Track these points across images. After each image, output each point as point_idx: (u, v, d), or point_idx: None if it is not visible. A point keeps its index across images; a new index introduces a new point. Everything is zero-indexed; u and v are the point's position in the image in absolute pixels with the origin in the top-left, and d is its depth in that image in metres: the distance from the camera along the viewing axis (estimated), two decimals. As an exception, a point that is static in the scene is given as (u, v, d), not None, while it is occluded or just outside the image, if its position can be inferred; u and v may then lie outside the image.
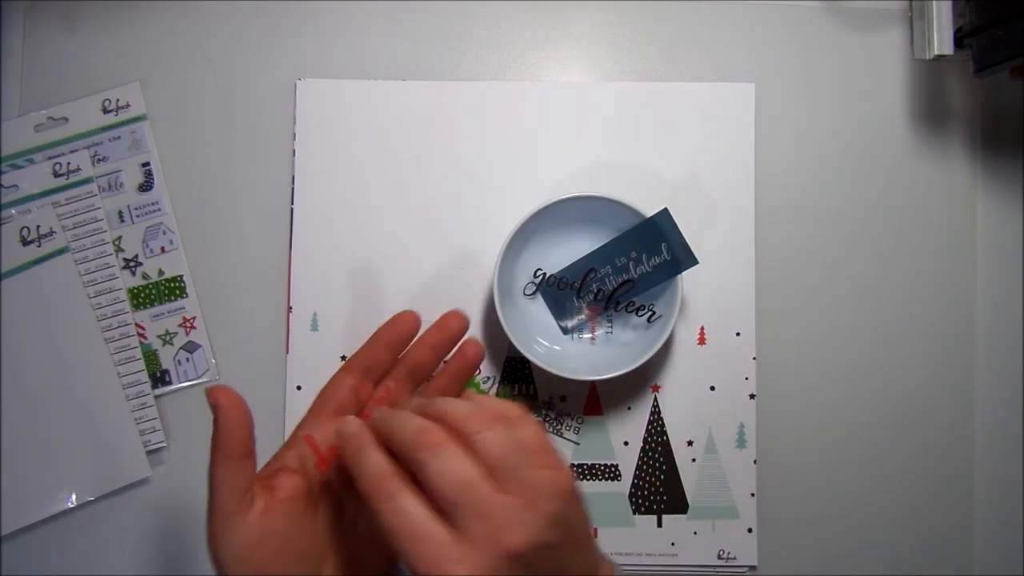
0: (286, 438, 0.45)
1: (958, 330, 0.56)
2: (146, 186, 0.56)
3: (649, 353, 0.50)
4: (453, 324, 0.47)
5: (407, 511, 0.35)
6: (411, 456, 0.36)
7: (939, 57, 0.52)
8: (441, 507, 0.35)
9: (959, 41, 0.52)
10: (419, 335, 0.47)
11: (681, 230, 0.50)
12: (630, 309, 0.52)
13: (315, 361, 0.55)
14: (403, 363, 0.47)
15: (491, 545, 0.35)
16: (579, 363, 0.53)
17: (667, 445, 0.55)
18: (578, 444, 0.55)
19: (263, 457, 0.42)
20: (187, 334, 0.55)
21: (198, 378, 0.55)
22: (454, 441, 0.36)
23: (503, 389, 0.55)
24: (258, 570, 0.40)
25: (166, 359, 0.55)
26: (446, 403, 0.39)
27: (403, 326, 0.47)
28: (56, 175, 0.56)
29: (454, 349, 0.47)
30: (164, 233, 0.56)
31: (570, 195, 0.50)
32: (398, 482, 0.36)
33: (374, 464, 0.37)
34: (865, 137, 0.57)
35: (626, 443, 0.55)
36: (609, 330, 0.54)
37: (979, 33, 0.50)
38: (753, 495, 0.54)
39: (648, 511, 0.54)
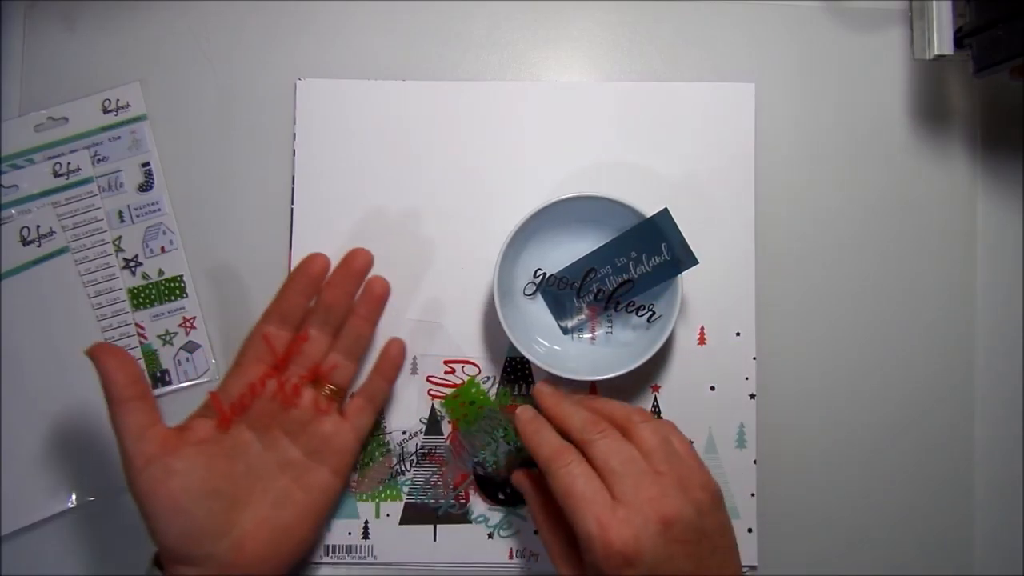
0: None
1: (958, 330, 0.56)
2: (146, 186, 0.56)
3: (649, 353, 0.50)
4: (357, 261, 0.50)
5: (581, 475, 0.42)
6: (583, 437, 0.43)
7: (939, 57, 0.52)
8: (605, 478, 0.41)
9: (959, 41, 0.52)
10: (329, 276, 0.50)
11: (681, 230, 0.50)
12: (630, 309, 0.52)
13: (315, 361, 0.55)
14: (317, 306, 0.50)
15: (646, 511, 0.40)
16: (579, 363, 0.53)
17: (667, 445, 0.55)
18: (578, 444, 0.55)
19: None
20: (187, 334, 0.55)
21: (198, 378, 0.55)
22: (616, 431, 0.44)
23: (503, 389, 0.55)
24: (166, 504, 0.43)
25: (166, 359, 0.55)
26: (607, 402, 0.47)
27: (313, 268, 0.49)
28: (56, 175, 0.56)
29: (360, 288, 0.50)
30: (164, 233, 0.56)
31: (570, 195, 0.50)
32: (573, 454, 0.43)
33: (552, 440, 0.44)
34: (865, 137, 0.57)
35: (626, 443, 0.55)
36: (609, 330, 0.54)
37: (979, 33, 0.50)
38: (753, 495, 0.54)
39: (648, 511, 0.54)
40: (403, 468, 0.54)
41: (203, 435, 0.46)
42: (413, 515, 0.54)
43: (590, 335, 0.54)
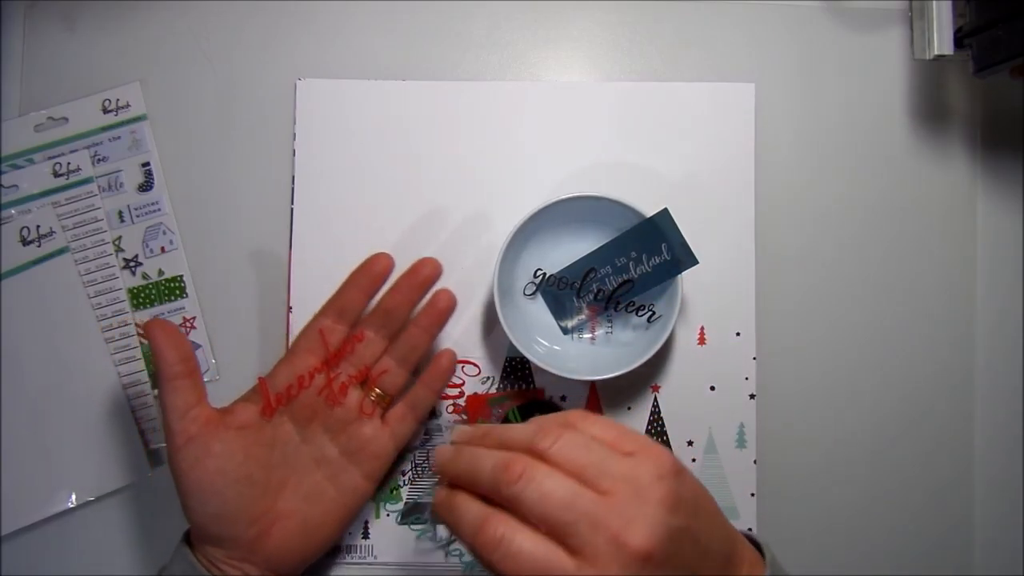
0: None
1: (958, 330, 0.56)
2: (146, 186, 0.56)
3: (649, 353, 0.50)
4: (425, 270, 0.49)
5: (522, 550, 0.33)
6: (502, 493, 0.34)
7: (939, 57, 0.52)
8: (552, 533, 0.33)
9: (959, 41, 0.52)
10: (394, 282, 0.49)
11: (681, 230, 0.50)
12: (630, 309, 0.52)
13: (315, 361, 0.55)
14: (377, 309, 0.49)
15: (618, 552, 0.33)
16: (579, 363, 0.53)
17: (667, 445, 0.55)
18: (578, 444, 0.55)
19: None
20: (187, 334, 0.55)
21: (198, 378, 0.55)
22: (536, 464, 0.34)
23: (503, 389, 0.55)
24: (201, 484, 0.44)
25: (166, 359, 0.55)
26: (506, 429, 0.37)
27: (376, 267, 0.49)
28: (56, 175, 0.56)
29: (426, 298, 0.49)
30: (164, 233, 0.56)
31: (570, 195, 0.50)
32: (500, 522, 0.34)
33: (469, 514, 0.35)
34: (865, 137, 0.57)
35: (626, 443, 0.55)
36: (609, 330, 0.54)
37: (979, 33, 0.50)
38: (753, 495, 0.54)
39: (648, 511, 0.54)
40: (403, 468, 0.54)
41: (245, 420, 0.46)
42: (413, 515, 0.54)
43: (590, 335, 0.54)
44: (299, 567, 0.48)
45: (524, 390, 0.55)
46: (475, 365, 0.55)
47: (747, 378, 0.55)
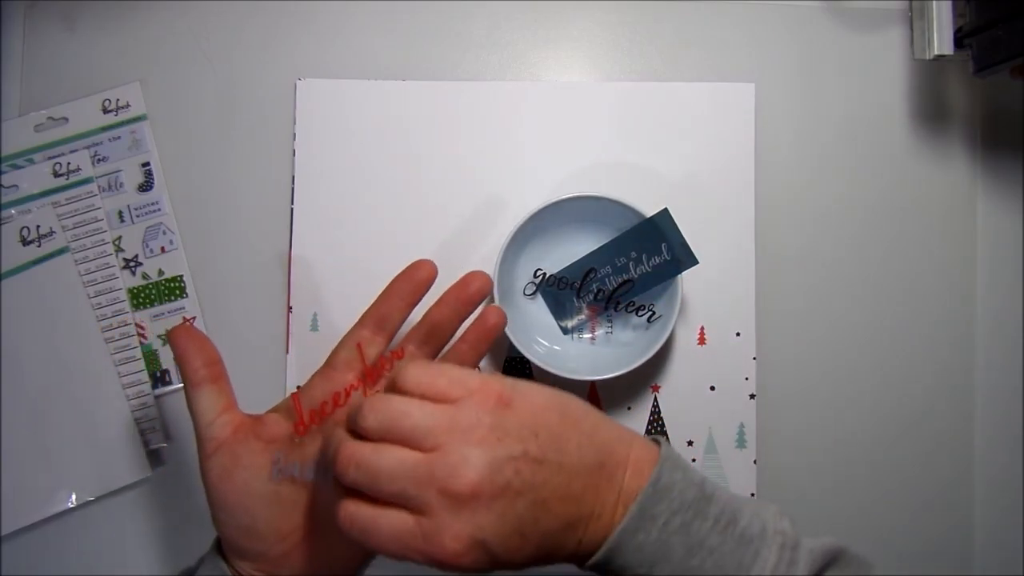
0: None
1: (958, 330, 0.56)
2: (146, 186, 0.56)
3: (649, 353, 0.50)
4: (475, 284, 0.46)
5: (379, 526, 0.34)
6: (343, 482, 0.35)
7: (939, 57, 0.52)
8: (394, 503, 0.34)
9: (959, 41, 0.52)
10: (441, 295, 0.46)
11: (681, 230, 0.50)
12: (630, 309, 0.52)
13: (315, 361, 0.54)
14: (422, 322, 0.46)
15: (447, 500, 0.33)
16: (579, 363, 0.53)
17: (667, 445, 0.55)
18: (578, 444, 0.55)
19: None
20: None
21: (198, 378, 0.55)
22: (356, 445, 0.35)
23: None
24: (230, 498, 0.42)
25: (166, 359, 0.55)
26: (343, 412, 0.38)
27: (419, 274, 0.45)
28: (56, 175, 0.56)
29: (474, 313, 0.46)
30: (164, 233, 0.56)
31: (570, 195, 0.50)
32: (354, 505, 0.35)
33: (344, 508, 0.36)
34: (865, 137, 0.57)
35: (626, 443, 0.55)
36: (609, 330, 0.54)
37: (979, 33, 0.50)
38: (753, 495, 0.54)
39: (648, 511, 0.54)
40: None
41: (275, 433, 0.44)
42: None
43: (590, 335, 0.54)
44: None
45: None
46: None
47: (747, 378, 0.55)
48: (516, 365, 0.55)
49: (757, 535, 0.36)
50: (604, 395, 0.55)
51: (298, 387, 0.47)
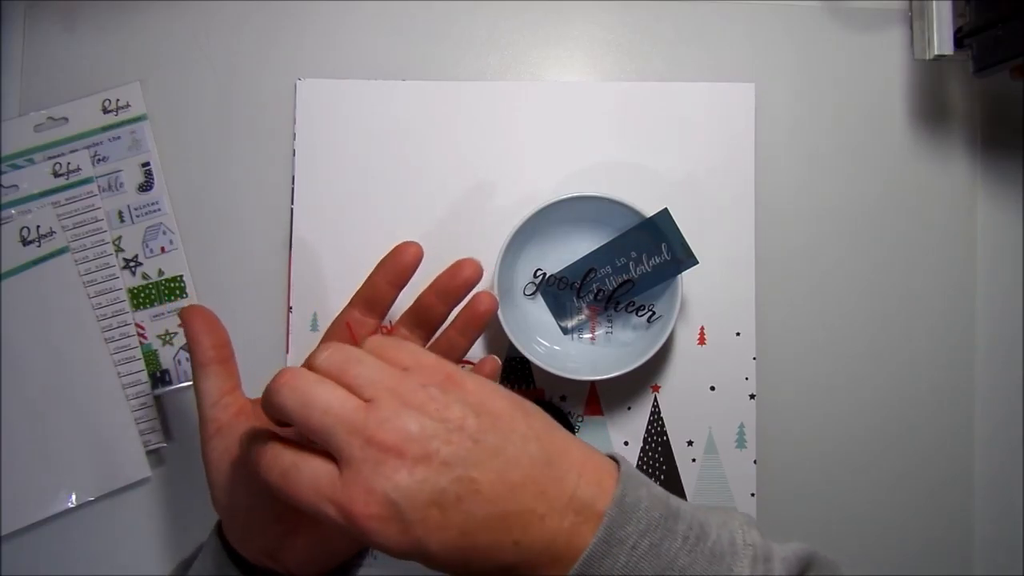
0: None
1: (958, 330, 0.56)
2: (146, 186, 0.56)
3: (649, 353, 0.50)
4: (466, 271, 0.46)
5: (296, 465, 0.34)
6: (270, 401, 0.34)
7: (939, 57, 0.52)
8: (316, 439, 0.33)
9: (959, 41, 0.52)
10: (432, 281, 0.46)
11: (681, 230, 0.50)
12: (630, 309, 0.52)
13: (315, 361, 0.55)
14: (413, 307, 0.47)
15: (370, 450, 0.32)
16: (579, 363, 0.53)
17: (667, 445, 0.55)
18: (578, 444, 0.55)
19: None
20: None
21: (198, 378, 0.55)
22: (301, 372, 0.34)
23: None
24: (227, 478, 0.42)
25: (166, 359, 0.55)
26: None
27: (404, 256, 0.46)
28: (56, 175, 0.56)
29: (466, 299, 0.46)
30: (164, 233, 0.56)
31: (570, 195, 0.50)
32: (274, 444, 0.35)
33: (263, 449, 0.35)
34: (865, 137, 0.57)
35: (626, 443, 0.55)
36: (609, 330, 0.54)
37: (979, 33, 0.50)
38: (753, 495, 0.54)
39: (648, 511, 0.54)
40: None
41: None
42: None
43: (590, 335, 0.54)
44: (325, 565, 0.47)
45: (524, 390, 0.55)
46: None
47: (747, 378, 0.55)
48: (516, 365, 0.55)
49: (727, 550, 0.34)
50: (604, 395, 0.55)
51: None
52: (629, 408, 0.55)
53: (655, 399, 0.55)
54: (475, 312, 0.46)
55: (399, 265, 0.46)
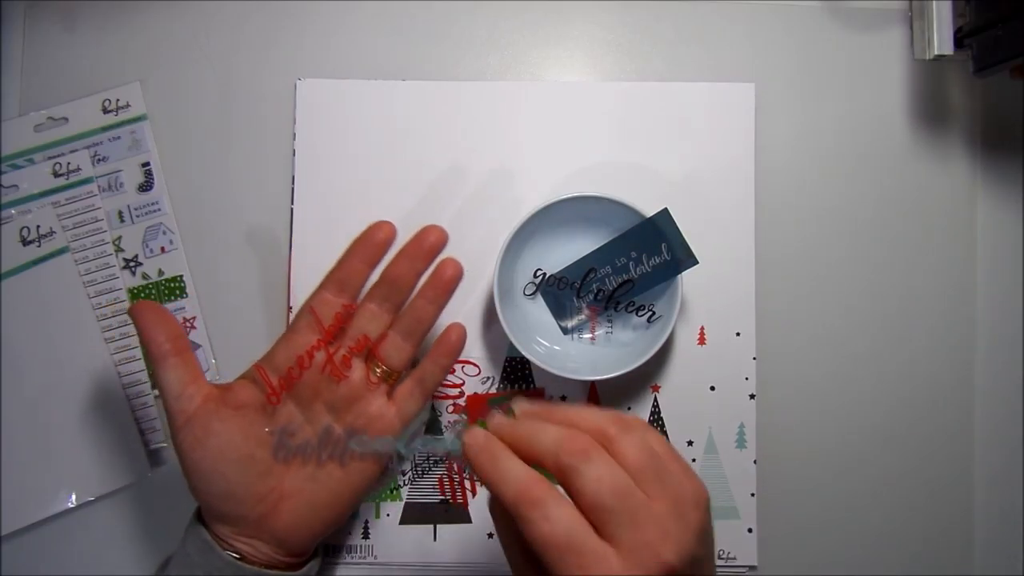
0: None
1: (958, 330, 0.56)
2: (146, 186, 0.56)
3: (649, 353, 0.50)
4: (431, 237, 0.47)
5: (560, 518, 0.33)
6: (560, 462, 0.34)
7: (939, 57, 0.52)
8: (592, 514, 0.34)
9: (959, 41, 0.52)
10: (398, 250, 0.47)
11: (681, 230, 0.50)
12: (630, 309, 0.52)
13: (315, 361, 0.55)
14: (380, 280, 0.47)
15: (650, 557, 0.33)
16: (579, 363, 0.53)
17: (667, 445, 0.55)
18: (578, 444, 0.55)
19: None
20: (187, 334, 0.55)
21: (198, 378, 0.55)
22: (600, 448, 0.35)
23: (503, 389, 0.55)
24: (202, 465, 0.44)
25: (166, 359, 0.55)
26: (572, 410, 0.37)
27: (378, 235, 0.47)
28: (56, 175, 0.56)
29: (431, 267, 0.47)
30: (164, 233, 0.56)
31: (570, 195, 0.50)
32: (546, 487, 0.34)
33: (516, 471, 0.35)
34: (865, 137, 0.57)
35: (626, 443, 0.55)
36: (609, 330, 0.54)
37: (979, 33, 0.50)
38: (753, 495, 0.54)
39: (648, 511, 0.54)
40: (403, 468, 0.54)
41: (245, 399, 0.45)
42: (413, 515, 0.54)
43: (590, 335, 0.54)
44: (309, 544, 0.47)
45: (524, 390, 0.55)
46: (475, 365, 0.55)
47: (747, 378, 0.55)
48: (516, 365, 0.55)
49: None
50: (604, 395, 0.55)
51: (255, 365, 0.48)
52: (629, 408, 0.55)
53: (655, 399, 0.55)
54: (442, 278, 0.47)
55: (373, 243, 0.47)
